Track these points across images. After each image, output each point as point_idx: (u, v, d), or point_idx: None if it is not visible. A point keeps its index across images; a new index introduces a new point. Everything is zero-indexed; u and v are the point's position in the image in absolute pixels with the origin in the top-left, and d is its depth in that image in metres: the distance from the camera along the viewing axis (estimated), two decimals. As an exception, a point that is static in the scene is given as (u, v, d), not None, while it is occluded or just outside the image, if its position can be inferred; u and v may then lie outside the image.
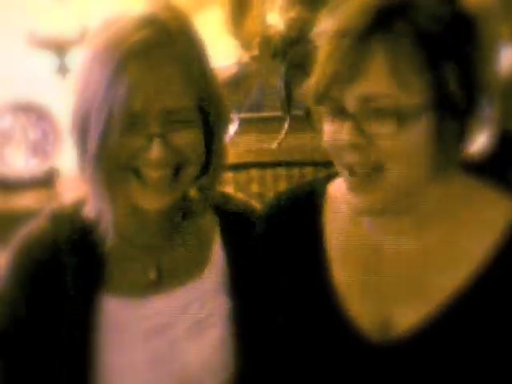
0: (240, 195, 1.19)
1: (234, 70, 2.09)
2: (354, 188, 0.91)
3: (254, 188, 1.96)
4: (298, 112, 1.99)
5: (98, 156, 0.94)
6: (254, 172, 1.96)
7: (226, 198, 1.12)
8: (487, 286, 0.91)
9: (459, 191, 0.96)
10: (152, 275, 1.03)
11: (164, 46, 0.94)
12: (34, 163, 2.18)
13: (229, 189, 1.92)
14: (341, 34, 0.87)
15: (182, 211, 1.05)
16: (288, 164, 1.93)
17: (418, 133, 0.88)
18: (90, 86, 0.95)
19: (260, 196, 1.89)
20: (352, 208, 0.95)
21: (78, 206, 1.04)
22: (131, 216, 1.02)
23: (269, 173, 1.95)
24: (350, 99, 0.87)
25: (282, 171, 1.95)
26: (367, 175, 0.89)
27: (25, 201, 2.05)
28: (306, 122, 0.97)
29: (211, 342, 1.03)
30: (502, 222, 0.93)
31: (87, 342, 0.98)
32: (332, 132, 0.91)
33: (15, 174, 2.15)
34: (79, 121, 0.97)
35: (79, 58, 1.00)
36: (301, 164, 1.90)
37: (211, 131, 0.99)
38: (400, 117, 0.86)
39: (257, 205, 1.15)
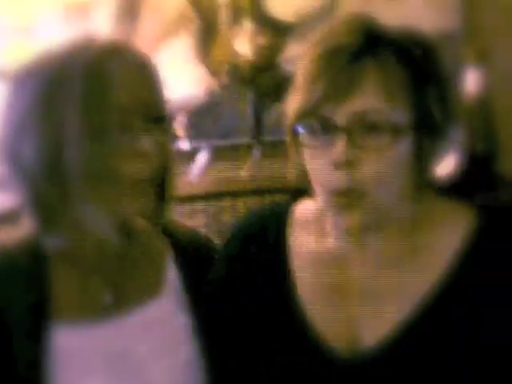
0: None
1: (202, 97, 2.09)
2: (338, 210, 0.92)
3: (226, 217, 1.94)
4: (268, 138, 2.00)
5: (86, 166, 0.93)
6: (225, 201, 1.95)
7: (174, 223, 1.12)
8: (451, 296, 0.92)
9: (427, 208, 0.97)
10: (107, 298, 1.01)
11: (121, 53, 0.97)
12: (4, 198, 2.14)
13: (200, 219, 1.90)
14: (331, 54, 0.90)
15: (128, 233, 1.04)
16: (259, 192, 1.92)
17: (402, 152, 0.91)
18: (60, 102, 0.94)
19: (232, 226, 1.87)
20: (335, 229, 0.96)
21: (27, 239, 1.01)
22: (81, 240, 1.00)
23: (240, 201, 1.94)
24: (341, 115, 0.89)
25: (253, 199, 1.94)
26: (352, 196, 0.90)
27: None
28: (276, 148, 0.98)
29: (177, 361, 1.02)
30: (464, 233, 0.94)
31: (42, 379, 0.95)
32: (318, 152, 0.92)
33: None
34: (47, 146, 0.95)
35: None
36: (272, 191, 1.89)
37: (167, 148, 1.01)
38: (392, 131, 0.89)
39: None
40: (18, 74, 0.99)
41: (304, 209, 1.04)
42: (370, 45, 0.91)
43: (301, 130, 0.93)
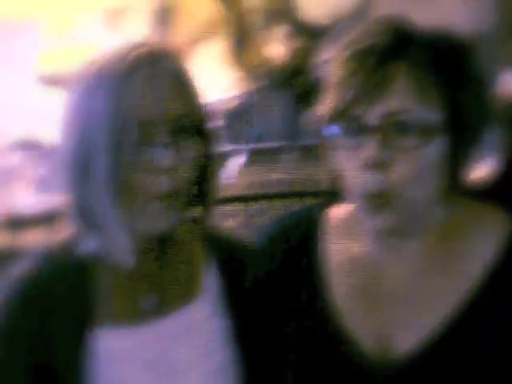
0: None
1: (238, 101, 2.10)
2: (370, 212, 0.92)
3: (262, 219, 1.95)
4: (302, 141, 2.00)
5: (110, 177, 0.94)
6: (261, 203, 1.96)
7: (213, 227, 1.12)
8: (485, 304, 0.91)
9: (461, 213, 0.96)
10: (148, 302, 1.02)
11: (155, 62, 0.97)
12: (43, 199, 2.19)
13: (236, 221, 1.92)
14: (362, 55, 0.90)
15: (171, 237, 1.04)
16: (295, 194, 1.92)
17: (435, 153, 0.90)
18: (90, 109, 0.96)
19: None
20: (368, 230, 0.96)
21: (69, 244, 1.03)
22: (141, 237, 1.01)
23: (276, 204, 1.94)
24: (373, 116, 0.89)
25: (289, 202, 1.94)
26: (384, 198, 0.90)
27: (35, 237, 2.05)
28: (311, 151, 0.97)
29: (214, 366, 1.02)
30: (499, 240, 0.94)
31: (84, 380, 0.97)
32: (350, 154, 0.92)
33: (25, 211, 2.15)
34: (80, 150, 0.97)
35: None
36: (309, 194, 1.89)
37: (205, 148, 1.01)
38: (424, 131, 0.89)
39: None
40: (71, 79, 1.01)
41: (337, 213, 1.04)
42: (401, 45, 0.90)
43: (333, 131, 0.93)
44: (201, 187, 1.02)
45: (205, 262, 1.08)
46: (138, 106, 0.94)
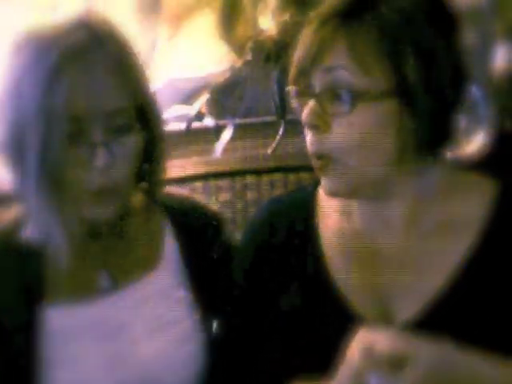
0: (182, 191, 1.18)
1: (226, 75, 2.08)
2: (320, 173, 0.94)
3: (251, 195, 1.94)
4: (292, 116, 1.98)
5: (40, 172, 0.91)
6: (249, 178, 1.94)
7: (171, 194, 1.11)
8: (481, 265, 0.92)
9: (446, 180, 0.97)
10: (102, 277, 1.00)
11: (96, 48, 0.93)
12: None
13: (224, 196, 1.91)
14: (311, 20, 0.93)
15: (124, 210, 1.03)
16: (284, 169, 1.91)
17: (375, 119, 0.90)
18: (22, 98, 0.92)
19: (257, 203, 1.87)
20: (323, 191, 0.98)
21: (14, 225, 1.01)
22: (78, 225, 0.99)
23: (265, 179, 1.93)
24: (314, 79, 0.91)
25: (278, 177, 1.93)
26: (325, 160, 0.92)
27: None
28: (301, 125, 0.98)
29: (174, 338, 1.01)
30: (487, 202, 0.94)
31: (36, 361, 0.95)
32: (301, 117, 0.94)
33: None
34: (13, 139, 0.93)
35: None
36: (297, 169, 1.88)
37: (151, 135, 0.99)
38: (353, 96, 0.89)
39: (200, 199, 1.15)
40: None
41: None
42: (348, 11, 0.90)
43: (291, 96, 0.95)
44: (148, 169, 1.01)
45: (165, 230, 1.06)
46: (67, 101, 0.90)
